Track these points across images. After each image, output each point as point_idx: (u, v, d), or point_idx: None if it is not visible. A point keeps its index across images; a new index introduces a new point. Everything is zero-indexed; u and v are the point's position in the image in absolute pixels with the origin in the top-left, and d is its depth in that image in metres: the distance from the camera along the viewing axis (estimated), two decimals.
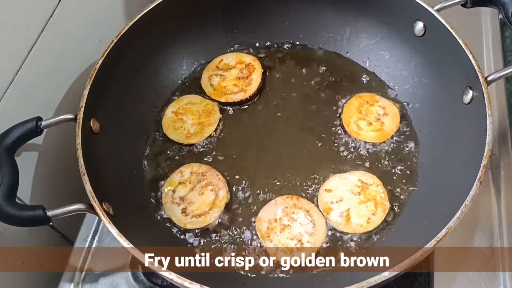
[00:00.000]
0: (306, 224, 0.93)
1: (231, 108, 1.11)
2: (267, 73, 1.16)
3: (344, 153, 1.02)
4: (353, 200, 0.95)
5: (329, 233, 0.93)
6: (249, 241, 0.93)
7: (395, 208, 0.95)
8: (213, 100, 1.11)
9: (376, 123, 1.04)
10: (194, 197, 0.98)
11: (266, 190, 0.99)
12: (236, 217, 0.97)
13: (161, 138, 1.07)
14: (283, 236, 0.92)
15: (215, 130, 1.07)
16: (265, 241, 0.92)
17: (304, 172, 1.01)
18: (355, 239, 0.92)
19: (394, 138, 1.03)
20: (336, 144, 1.03)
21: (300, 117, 1.09)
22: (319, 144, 1.04)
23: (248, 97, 1.11)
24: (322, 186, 0.97)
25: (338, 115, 1.07)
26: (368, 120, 1.04)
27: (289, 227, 0.93)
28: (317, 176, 0.99)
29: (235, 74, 1.14)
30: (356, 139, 1.02)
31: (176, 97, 1.12)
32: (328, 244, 0.91)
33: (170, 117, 1.09)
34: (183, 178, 1.00)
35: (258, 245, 0.92)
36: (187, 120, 1.08)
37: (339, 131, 1.04)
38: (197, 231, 0.95)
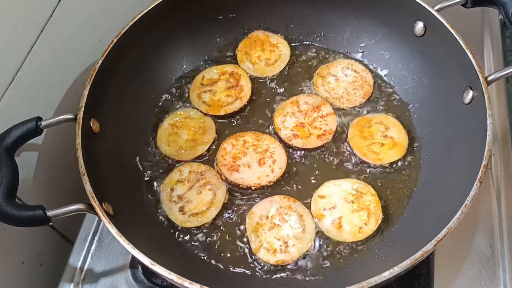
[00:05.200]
0: (296, 228, 0.93)
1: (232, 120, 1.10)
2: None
3: (343, 157, 1.03)
4: (346, 208, 0.94)
5: (320, 237, 0.93)
6: (246, 241, 0.93)
7: (396, 208, 0.95)
8: (212, 116, 1.08)
9: (387, 140, 1.02)
10: (192, 196, 0.98)
11: (265, 190, 0.99)
12: (233, 217, 0.97)
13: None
14: (270, 235, 0.92)
15: (208, 150, 1.04)
16: (252, 236, 0.92)
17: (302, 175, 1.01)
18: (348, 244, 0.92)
19: None
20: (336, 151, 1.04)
21: None
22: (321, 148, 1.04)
23: (247, 103, 1.10)
24: (316, 192, 0.97)
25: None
26: (378, 141, 1.02)
27: (278, 227, 0.93)
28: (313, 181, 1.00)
29: (223, 85, 1.13)
30: (381, 164, 1.01)
31: (176, 96, 1.12)
32: (315, 249, 0.92)
33: (166, 128, 1.07)
34: (182, 177, 1.00)
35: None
36: (182, 134, 1.06)
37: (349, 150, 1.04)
38: (195, 230, 0.95)
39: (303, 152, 1.03)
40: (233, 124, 1.08)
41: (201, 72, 1.15)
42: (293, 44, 1.19)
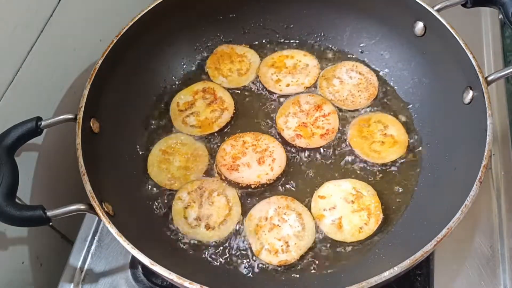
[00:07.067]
0: (296, 227, 0.93)
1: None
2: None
3: (344, 157, 1.03)
4: (346, 209, 0.94)
5: (320, 237, 0.93)
6: (247, 242, 0.93)
7: (396, 208, 0.95)
8: (207, 135, 1.06)
9: (387, 138, 1.03)
10: (208, 210, 0.96)
11: (265, 189, 0.99)
12: None
13: (160, 138, 1.07)
14: (271, 236, 0.92)
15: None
16: (252, 238, 0.92)
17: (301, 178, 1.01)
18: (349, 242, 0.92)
19: None
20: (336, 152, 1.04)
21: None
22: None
23: (235, 111, 1.09)
24: (316, 192, 0.97)
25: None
26: (378, 140, 1.02)
27: (278, 227, 0.93)
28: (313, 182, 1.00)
29: (203, 103, 1.10)
30: (384, 164, 1.00)
31: (175, 95, 1.12)
32: (316, 249, 0.91)
33: (156, 155, 1.03)
34: (185, 203, 0.97)
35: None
36: (174, 161, 1.03)
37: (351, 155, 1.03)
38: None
39: (303, 151, 1.03)
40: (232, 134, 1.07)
41: (174, 99, 1.11)
42: (292, 44, 1.19)
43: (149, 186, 1.01)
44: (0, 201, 0.78)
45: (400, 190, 0.97)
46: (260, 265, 0.90)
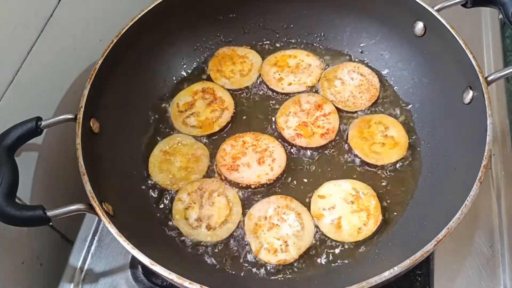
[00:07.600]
0: (295, 226, 0.93)
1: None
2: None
3: (344, 157, 1.03)
4: (345, 209, 0.94)
5: (320, 236, 0.93)
6: (246, 241, 0.93)
7: (396, 209, 0.95)
8: (208, 135, 1.06)
9: (387, 140, 1.02)
10: (208, 210, 0.96)
11: (265, 189, 0.99)
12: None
13: (160, 138, 1.07)
14: (270, 235, 0.92)
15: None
16: (251, 237, 0.92)
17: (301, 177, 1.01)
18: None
19: None
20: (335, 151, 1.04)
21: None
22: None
23: (235, 111, 1.09)
24: (316, 192, 0.97)
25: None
26: (378, 141, 1.02)
27: (277, 226, 0.93)
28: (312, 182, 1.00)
29: (203, 103, 1.10)
30: (384, 165, 1.00)
31: (175, 96, 1.12)
32: (315, 249, 0.91)
33: (157, 155, 1.03)
34: (186, 203, 0.97)
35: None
36: (175, 162, 1.02)
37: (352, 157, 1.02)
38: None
39: (303, 151, 1.03)
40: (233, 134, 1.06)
41: (173, 100, 1.11)
42: (292, 44, 1.20)
43: (149, 186, 1.01)
44: (0, 201, 0.78)
45: (400, 190, 0.97)
46: (260, 265, 0.90)
